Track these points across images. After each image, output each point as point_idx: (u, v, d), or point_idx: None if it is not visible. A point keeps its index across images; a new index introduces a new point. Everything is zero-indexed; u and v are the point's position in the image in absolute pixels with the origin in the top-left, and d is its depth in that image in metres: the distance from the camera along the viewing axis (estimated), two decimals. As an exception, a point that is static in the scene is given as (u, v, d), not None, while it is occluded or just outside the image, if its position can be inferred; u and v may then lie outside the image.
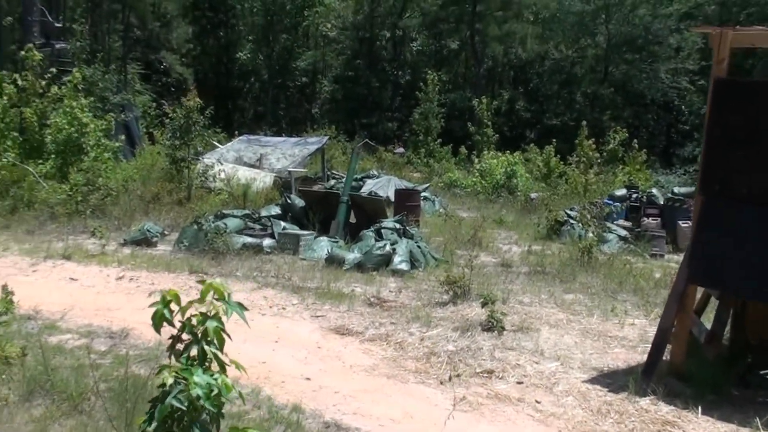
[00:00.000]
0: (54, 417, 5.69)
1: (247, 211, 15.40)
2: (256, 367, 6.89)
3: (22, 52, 20.33)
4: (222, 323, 3.33)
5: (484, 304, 9.01)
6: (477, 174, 25.24)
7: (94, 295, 10.07)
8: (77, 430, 5.43)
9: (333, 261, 12.40)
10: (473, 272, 10.77)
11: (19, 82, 19.64)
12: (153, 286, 10.43)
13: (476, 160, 27.12)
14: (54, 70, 20.47)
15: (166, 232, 14.65)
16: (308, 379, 7.24)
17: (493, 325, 8.70)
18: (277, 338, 8.47)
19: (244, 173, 20.38)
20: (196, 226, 13.45)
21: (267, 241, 13.63)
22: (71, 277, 11.11)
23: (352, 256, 12.43)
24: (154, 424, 3.17)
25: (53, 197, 15.81)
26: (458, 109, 40.17)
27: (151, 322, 3.39)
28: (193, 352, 3.30)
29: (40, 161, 18.09)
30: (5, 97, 19.35)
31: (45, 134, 18.78)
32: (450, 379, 7.33)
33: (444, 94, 37.58)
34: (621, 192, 19.32)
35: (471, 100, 37.05)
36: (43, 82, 19.71)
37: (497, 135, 32.84)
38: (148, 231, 13.97)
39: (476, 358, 7.89)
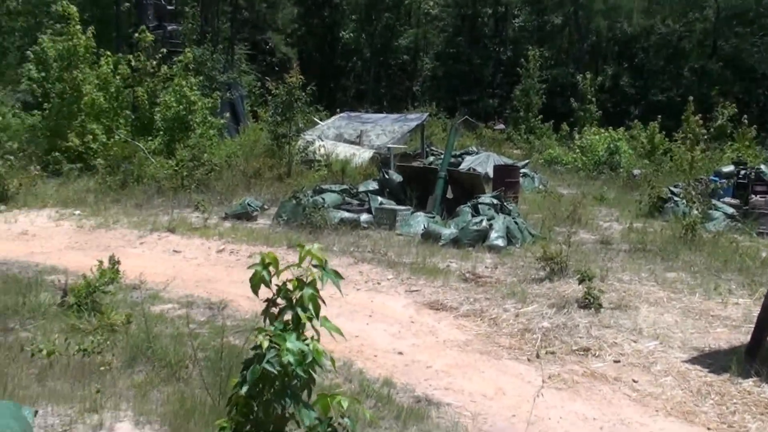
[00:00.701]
0: (154, 383, 5.80)
1: (345, 187, 15.40)
2: (349, 341, 6.80)
3: (136, 35, 20.96)
4: (317, 291, 3.24)
5: (581, 281, 8.69)
6: (578, 150, 24.51)
7: (196, 267, 10.27)
8: (175, 397, 5.50)
9: (429, 236, 12.24)
10: (571, 249, 10.43)
11: (133, 63, 20.30)
12: (251, 260, 10.51)
13: (577, 137, 26.36)
14: (165, 50, 21.11)
15: (265, 207, 14.82)
16: (401, 353, 7.14)
17: (590, 303, 8.37)
18: (371, 312, 8.40)
19: (343, 149, 20.42)
20: (294, 201, 13.54)
21: (364, 216, 13.58)
22: (175, 249, 11.37)
23: (449, 231, 12.24)
24: (245, 387, 3.12)
25: (160, 172, 16.32)
26: (560, 85, 39.12)
27: (248, 295, 3.31)
28: (288, 317, 3.23)
29: (150, 138, 18.69)
30: (119, 78, 20.01)
31: (155, 112, 19.40)
32: (542, 355, 7.09)
33: (546, 70, 36.65)
34: (728, 169, 18.30)
35: (574, 76, 36.03)
36: (155, 63, 20.29)
37: (600, 111, 31.84)
38: (249, 205, 14.17)
39: (572, 336, 7.61)
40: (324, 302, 3.28)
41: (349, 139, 22.15)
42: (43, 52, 19.74)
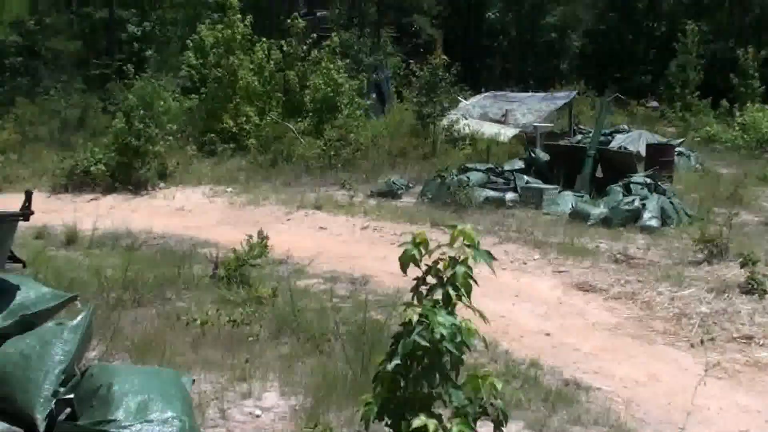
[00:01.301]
0: (298, 355, 5.83)
1: (490, 165, 15.07)
2: (495, 321, 6.49)
3: (288, 21, 21.45)
4: (470, 269, 3.12)
5: (743, 265, 8.01)
6: (738, 128, 22.89)
7: (340, 243, 10.34)
8: (318, 369, 5.49)
9: (577, 216, 11.73)
10: (732, 231, 9.65)
11: (285, 48, 20.82)
12: (395, 237, 10.47)
13: (738, 114, 24.63)
14: (315, 35, 21.46)
15: (410, 185, 14.75)
16: (548, 334, 6.83)
17: (753, 288, 7.70)
18: (517, 293, 8.09)
19: (488, 128, 20.03)
20: (439, 180, 13.44)
21: (509, 195, 13.21)
22: (320, 225, 11.52)
23: (598, 211, 11.68)
24: (394, 362, 3.02)
25: (309, 152, 16.63)
26: (719, 61, 36.78)
27: (390, 271, 3.22)
28: (437, 295, 3.12)
29: (299, 119, 19.08)
30: (272, 62, 20.53)
31: (305, 94, 19.80)
32: (702, 342, 6.54)
33: (704, 45, 34.56)
34: None
35: (734, 50, 33.73)
36: (305, 47, 20.71)
37: (763, 87, 29.66)
38: (394, 183, 14.19)
39: (733, 323, 7.01)
40: (476, 282, 3.14)
41: (494, 118, 21.70)
42: (201, 40, 20.57)
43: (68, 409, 2.58)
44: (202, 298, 7.26)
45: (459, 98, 24.00)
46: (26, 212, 2.51)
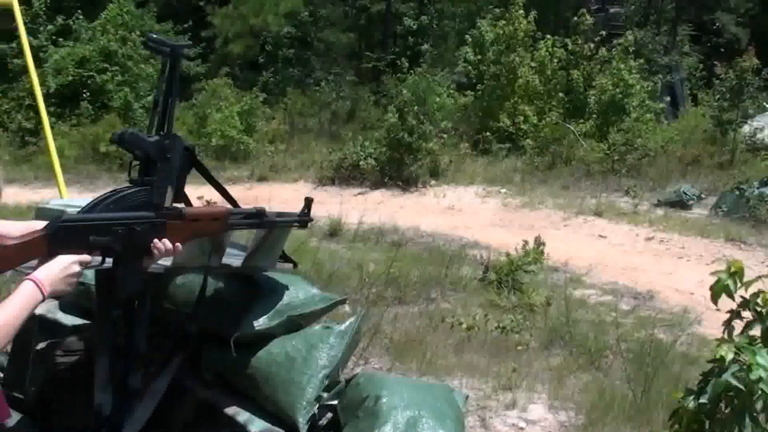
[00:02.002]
0: (570, 369, 5.61)
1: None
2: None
3: (575, 18, 21.00)
4: None
5: None
6: None
7: (621, 254, 9.92)
8: (592, 385, 5.24)
9: None
10: None
11: (570, 46, 20.38)
12: (683, 251, 9.83)
13: None
14: (604, 33, 20.84)
15: (703, 196, 13.84)
16: None
17: None
18: None
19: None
20: (737, 192, 12.56)
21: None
22: (600, 234, 11.12)
23: None
24: (701, 400, 2.77)
25: (590, 155, 16.13)
26: None
27: (677, 287, 2.91)
28: (755, 332, 2.84)
29: (581, 120, 18.55)
30: (555, 61, 20.20)
31: (589, 95, 19.23)
32: None
33: None
34: None
35: None
36: (593, 46, 20.14)
37: None
38: (684, 193, 13.41)
39: None
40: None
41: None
42: (481, 35, 20.70)
43: (330, 415, 2.63)
44: (468, 301, 7.25)
45: (765, 104, 22.13)
46: (305, 219, 2.56)
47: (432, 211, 12.76)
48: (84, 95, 19.54)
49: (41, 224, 2.14)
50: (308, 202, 2.57)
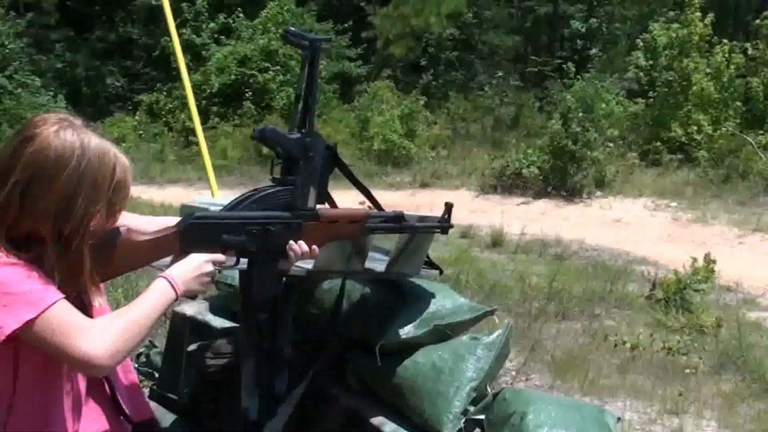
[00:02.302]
0: (742, 396, 5.41)
1: None
2: None
3: (757, 21, 20.00)
4: None
5: None
6: None
7: (803, 275, 9.35)
8: (767, 415, 5.04)
9: None
10: None
11: (749, 51, 19.43)
12: None
13: None
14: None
15: None
16: None
17: None
18: None
19: None
20: None
21: None
22: (779, 252, 10.56)
23: None
24: None
25: (770, 169, 15.27)
26: None
27: None
28: None
29: (760, 132, 17.63)
30: (733, 67, 19.33)
31: (771, 104, 18.28)
32: None
33: None
34: None
35: None
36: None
37: None
38: None
39: None
40: None
41: None
42: (653, 39, 20.09)
43: (477, 430, 2.56)
44: (633, 319, 7.11)
45: None
46: (445, 225, 2.47)
47: (597, 223, 12.55)
48: (246, 95, 20.38)
49: (175, 221, 2.15)
50: (448, 207, 2.49)
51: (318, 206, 2.30)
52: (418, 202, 12.82)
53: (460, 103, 21.84)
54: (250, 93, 20.40)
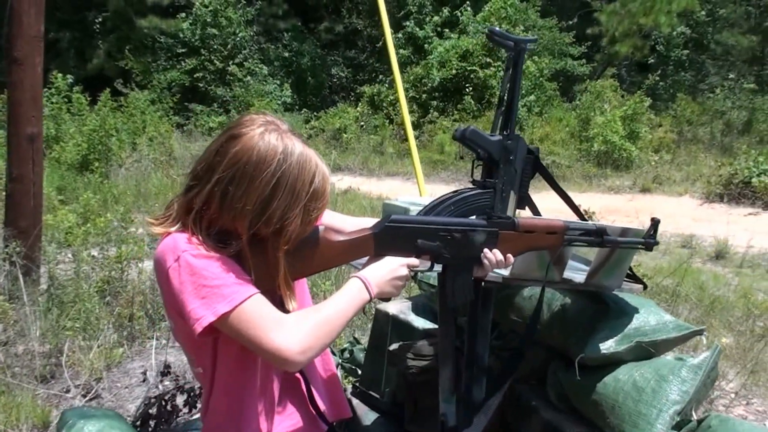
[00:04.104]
0: None
1: None
2: None
3: None
4: None
5: None
6: None
7: None
8: None
9: None
10: None
11: None
12: None
13: None
14: None
15: None
16: None
17: None
18: None
19: None
20: None
21: None
22: None
23: None
24: None
25: None
26: None
27: None
28: None
29: None
30: None
31: None
32: None
33: None
34: None
35: None
36: None
37: None
38: None
39: None
40: None
41: None
42: None
43: None
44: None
45: None
46: (650, 242, 2.40)
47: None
48: (467, 90, 20.61)
49: (372, 222, 2.17)
50: (654, 223, 2.43)
51: (519, 213, 2.35)
52: (637, 208, 12.60)
53: (687, 106, 21.03)
54: (470, 88, 20.57)
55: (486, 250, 2.18)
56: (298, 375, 2.17)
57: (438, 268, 2.21)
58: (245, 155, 1.84)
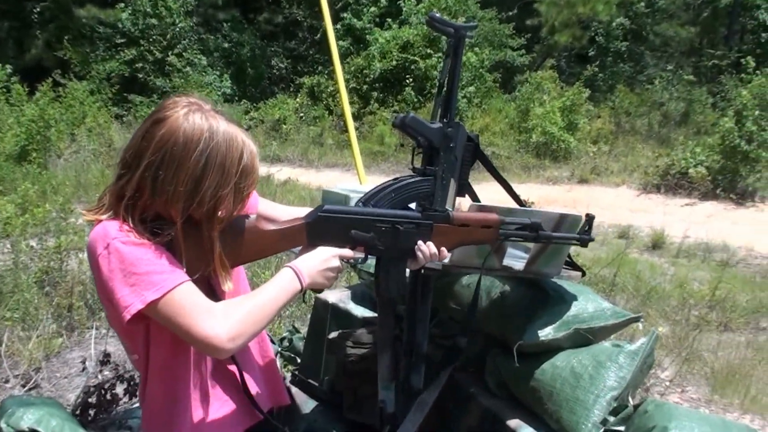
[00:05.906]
0: None
1: None
2: None
3: None
4: None
5: None
6: None
7: None
8: None
9: None
10: None
11: None
12: None
13: None
14: None
15: None
16: None
17: None
18: None
19: None
20: None
21: None
22: None
23: None
24: None
25: None
26: None
27: None
28: None
29: None
30: None
31: None
32: None
33: None
34: None
35: None
36: None
37: None
38: None
39: None
40: None
41: None
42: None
43: None
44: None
45: None
46: (585, 238, 2.42)
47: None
48: (407, 81, 20.62)
49: (305, 212, 2.16)
50: (589, 219, 2.43)
51: (461, 202, 2.34)
52: (575, 198, 12.80)
53: (626, 97, 21.33)
54: (411, 79, 20.62)
55: (420, 242, 2.18)
56: (233, 367, 2.17)
57: (373, 259, 2.21)
58: (172, 137, 1.84)
